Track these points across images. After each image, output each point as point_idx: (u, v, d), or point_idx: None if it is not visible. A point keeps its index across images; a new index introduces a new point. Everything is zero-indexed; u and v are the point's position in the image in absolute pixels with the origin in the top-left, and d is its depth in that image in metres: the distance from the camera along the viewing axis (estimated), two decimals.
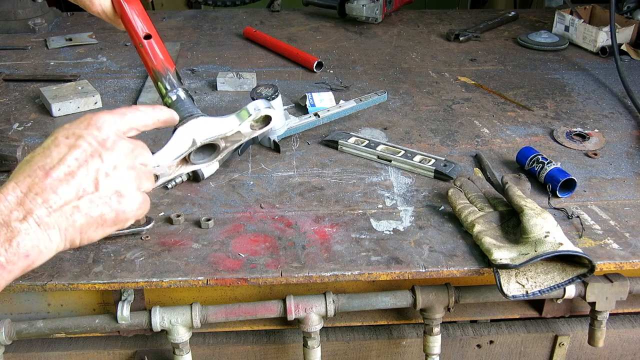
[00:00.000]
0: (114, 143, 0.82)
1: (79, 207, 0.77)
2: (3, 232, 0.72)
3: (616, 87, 1.90)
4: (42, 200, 0.74)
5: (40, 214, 0.74)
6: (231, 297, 1.28)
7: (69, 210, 0.76)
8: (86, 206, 0.77)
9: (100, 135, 0.81)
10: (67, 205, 0.76)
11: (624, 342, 1.39)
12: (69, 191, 0.76)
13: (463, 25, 2.42)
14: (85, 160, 0.78)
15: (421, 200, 1.35)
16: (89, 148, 0.79)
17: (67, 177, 0.76)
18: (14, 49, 2.13)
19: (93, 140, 0.80)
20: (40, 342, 1.30)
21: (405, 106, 1.78)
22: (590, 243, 1.22)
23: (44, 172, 0.75)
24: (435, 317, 1.24)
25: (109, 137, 0.82)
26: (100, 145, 0.80)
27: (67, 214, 0.76)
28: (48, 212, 0.75)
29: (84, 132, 0.80)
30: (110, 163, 0.81)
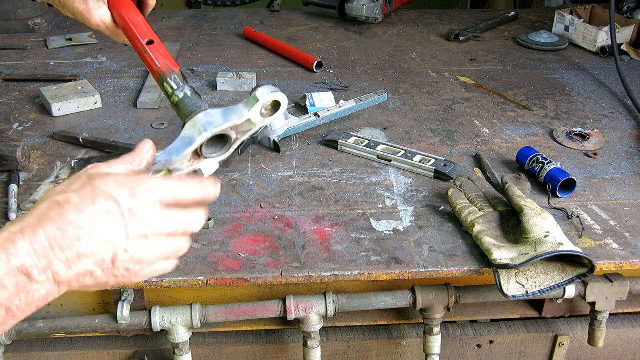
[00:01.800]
0: (147, 220, 0.77)
1: (93, 274, 0.76)
2: (23, 279, 0.70)
3: (616, 87, 1.90)
4: (65, 258, 0.73)
5: (59, 270, 0.73)
6: (231, 297, 1.28)
7: (84, 274, 0.75)
8: (98, 275, 0.77)
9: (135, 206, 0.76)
10: (84, 270, 0.75)
11: (624, 342, 1.39)
12: (90, 260, 0.75)
13: (463, 25, 2.42)
14: (112, 232, 0.75)
15: (421, 200, 1.35)
16: (120, 218, 0.76)
17: (92, 246, 0.75)
18: (14, 49, 2.13)
19: (127, 213, 0.76)
20: (40, 342, 1.30)
21: (405, 106, 1.78)
22: (590, 243, 1.22)
23: (76, 234, 0.73)
24: (435, 317, 1.24)
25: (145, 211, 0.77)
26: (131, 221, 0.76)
27: (81, 278, 0.76)
28: (67, 272, 0.74)
29: (122, 201, 0.76)
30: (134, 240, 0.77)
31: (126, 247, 0.76)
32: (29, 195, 1.35)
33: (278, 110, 1.07)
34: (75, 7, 1.13)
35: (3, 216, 1.28)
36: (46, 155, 1.50)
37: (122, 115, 1.71)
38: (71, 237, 0.72)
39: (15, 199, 1.32)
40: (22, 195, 1.35)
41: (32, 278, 0.70)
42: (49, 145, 1.55)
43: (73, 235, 0.72)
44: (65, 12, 1.16)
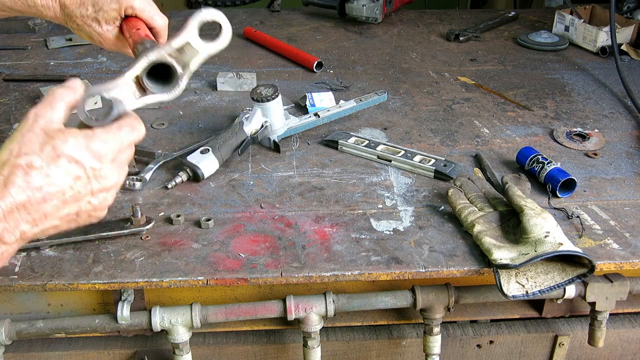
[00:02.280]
0: (109, 177, 0.84)
1: (57, 226, 0.82)
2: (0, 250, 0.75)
3: (616, 87, 1.90)
4: (31, 219, 0.78)
5: (25, 229, 0.78)
6: (231, 297, 1.28)
7: (48, 229, 0.81)
8: (62, 225, 0.83)
9: (99, 166, 0.82)
10: (49, 226, 0.81)
11: (624, 342, 1.39)
12: (56, 216, 0.81)
13: (463, 25, 2.42)
14: (79, 192, 0.81)
15: (421, 200, 1.35)
16: (86, 180, 0.81)
17: (59, 205, 0.80)
18: (14, 49, 2.13)
19: (92, 174, 0.82)
20: (40, 342, 1.30)
21: (405, 106, 1.78)
22: (590, 243, 1.22)
23: (42, 197, 0.78)
24: (435, 317, 1.24)
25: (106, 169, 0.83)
26: (95, 179, 0.82)
27: (45, 231, 0.81)
28: (32, 229, 0.79)
29: (87, 165, 0.81)
30: (97, 193, 0.84)
31: (90, 199, 0.82)
32: None
33: (221, 34, 1.02)
34: (92, 32, 1.20)
35: None
36: None
37: None
38: (38, 200, 0.77)
39: None
40: None
41: (3, 241, 0.76)
42: None
43: (40, 197, 0.77)
44: (81, 35, 1.23)
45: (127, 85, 0.95)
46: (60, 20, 1.22)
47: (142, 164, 1.45)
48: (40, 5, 1.18)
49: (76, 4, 1.18)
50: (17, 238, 0.77)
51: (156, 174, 1.42)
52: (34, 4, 1.18)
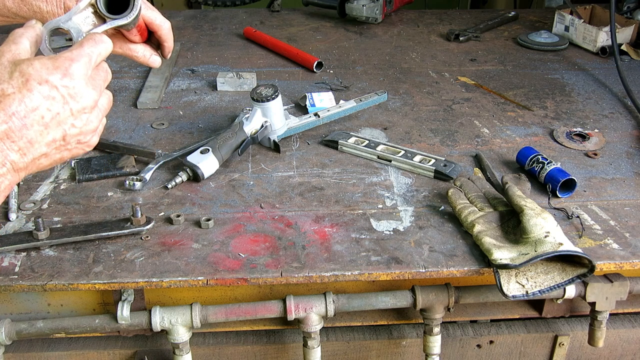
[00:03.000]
0: (84, 95, 0.84)
1: (47, 154, 0.83)
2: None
3: (616, 87, 1.90)
4: (17, 148, 0.79)
5: (15, 159, 0.79)
6: (231, 297, 1.28)
7: (39, 158, 0.82)
8: (53, 153, 0.83)
9: (71, 84, 0.83)
10: (39, 154, 0.81)
11: (624, 342, 1.39)
12: (42, 143, 0.81)
13: (463, 25, 2.42)
14: (58, 113, 0.82)
15: (421, 200, 1.35)
16: (61, 100, 0.81)
17: (41, 130, 0.81)
18: None
19: (65, 92, 0.82)
20: (40, 342, 1.30)
21: (405, 106, 1.78)
22: (590, 243, 1.22)
23: (21, 121, 0.79)
24: (435, 317, 1.24)
25: (80, 86, 0.83)
26: (71, 98, 0.82)
27: (37, 161, 0.82)
28: (22, 159, 0.80)
29: (59, 84, 0.81)
30: (78, 114, 0.84)
31: (73, 122, 0.83)
32: (29, 195, 1.35)
33: None
34: None
35: (3, 216, 1.28)
36: None
37: (122, 115, 1.71)
38: (18, 127, 0.78)
39: (15, 199, 1.32)
40: (22, 195, 1.35)
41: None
42: None
43: (19, 124, 0.78)
44: None
45: (85, 14, 0.97)
46: None
47: (142, 164, 1.45)
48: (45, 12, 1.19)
49: None
50: (10, 169, 0.78)
51: (156, 174, 1.42)
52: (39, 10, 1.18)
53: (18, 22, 1.23)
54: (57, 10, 1.19)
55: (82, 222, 1.26)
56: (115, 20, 1.00)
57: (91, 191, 1.37)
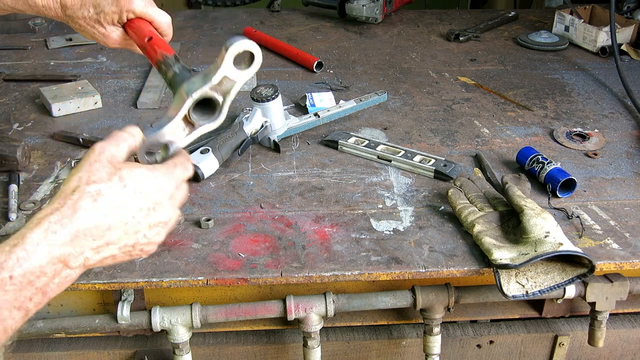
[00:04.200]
0: (166, 214, 0.87)
1: (115, 257, 0.84)
2: (60, 267, 0.77)
3: (616, 87, 1.90)
4: (96, 246, 0.80)
5: (89, 256, 0.80)
6: (231, 297, 1.28)
7: (107, 257, 0.83)
8: (119, 256, 0.85)
9: (159, 200, 0.85)
10: (109, 255, 0.83)
11: (624, 342, 1.39)
12: (117, 246, 0.83)
13: (463, 25, 2.42)
14: (139, 222, 0.84)
15: (421, 200, 1.35)
16: (146, 212, 0.84)
17: (121, 235, 0.82)
18: (14, 49, 2.13)
19: (152, 205, 0.85)
20: (40, 342, 1.30)
21: (405, 106, 1.78)
22: (590, 243, 1.22)
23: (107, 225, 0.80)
24: (435, 317, 1.24)
25: (164, 203, 0.86)
26: (154, 211, 0.85)
27: (104, 260, 0.83)
28: (94, 257, 0.81)
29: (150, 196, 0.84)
30: (154, 227, 0.86)
31: (146, 233, 0.85)
32: (29, 195, 1.35)
33: (254, 61, 1.08)
34: (95, 33, 1.22)
35: (3, 216, 1.28)
36: (46, 155, 1.50)
37: (122, 115, 1.71)
38: (103, 229, 0.80)
39: (15, 199, 1.32)
40: (22, 195, 1.35)
41: (68, 266, 0.78)
42: (49, 145, 1.55)
43: (105, 226, 0.80)
44: (85, 35, 1.25)
45: (177, 124, 1.01)
46: (63, 19, 1.23)
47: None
48: (41, 6, 1.19)
49: (77, 6, 1.19)
50: (80, 264, 0.79)
51: None
52: (34, 4, 1.18)
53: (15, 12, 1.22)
54: (52, 4, 1.19)
55: None
56: (204, 126, 1.03)
57: None
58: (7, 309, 0.73)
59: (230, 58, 1.04)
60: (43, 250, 0.75)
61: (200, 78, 1.03)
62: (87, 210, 0.78)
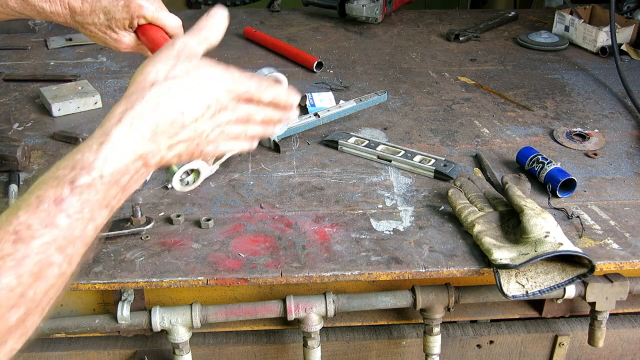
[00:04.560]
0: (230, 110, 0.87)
1: (181, 155, 0.84)
2: (140, 164, 0.77)
3: (616, 87, 1.90)
4: (169, 143, 0.80)
5: (164, 154, 0.80)
6: (231, 297, 1.28)
7: (176, 155, 0.83)
8: (185, 154, 0.84)
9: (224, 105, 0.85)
10: (179, 153, 0.83)
11: (624, 342, 1.39)
12: (184, 145, 0.83)
13: (463, 25, 2.42)
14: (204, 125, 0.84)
15: (421, 200, 1.35)
16: (217, 115, 0.84)
17: (193, 137, 0.83)
18: (14, 49, 2.13)
19: (219, 108, 0.84)
20: (40, 342, 1.30)
21: (405, 106, 1.78)
22: (590, 243, 1.22)
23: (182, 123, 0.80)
24: (435, 317, 1.24)
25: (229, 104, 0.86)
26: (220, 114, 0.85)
27: (172, 158, 0.83)
28: (167, 154, 0.81)
29: (222, 100, 0.84)
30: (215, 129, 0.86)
31: (209, 134, 0.85)
32: None
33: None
34: (107, 38, 1.22)
35: None
36: (46, 155, 1.50)
37: None
38: (179, 125, 0.80)
39: (16, 199, 1.32)
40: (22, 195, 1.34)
41: (148, 165, 0.79)
42: (49, 145, 1.55)
43: (180, 123, 0.80)
44: (96, 41, 1.25)
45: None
46: (72, 25, 1.22)
47: None
48: (49, 12, 1.18)
49: (87, 12, 1.18)
50: (156, 162, 0.79)
51: (156, 174, 1.42)
52: (43, 10, 1.18)
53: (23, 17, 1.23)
54: (61, 10, 1.19)
55: None
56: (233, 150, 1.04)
57: None
58: (98, 208, 0.73)
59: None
60: (129, 148, 0.75)
61: None
62: (166, 105, 0.78)
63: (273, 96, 0.91)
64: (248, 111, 0.89)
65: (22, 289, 0.66)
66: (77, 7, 1.18)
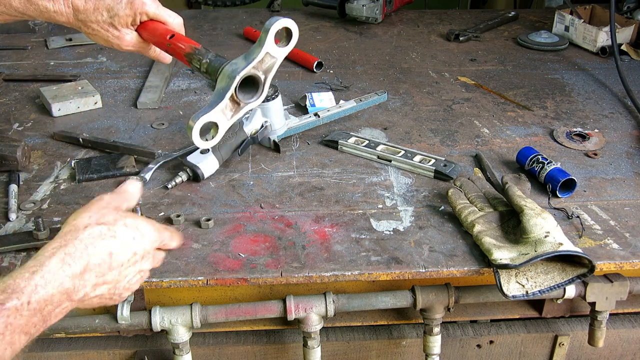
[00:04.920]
0: (149, 259, 0.93)
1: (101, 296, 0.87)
2: (64, 297, 0.80)
3: (616, 87, 1.90)
4: (95, 282, 0.84)
5: (88, 291, 0.84)
6: (231, 297, 1.28)
7: (98, 296, 0.86)
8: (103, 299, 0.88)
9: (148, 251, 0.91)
10: (101, 294, 0.86)
11: (624, 342, 1.39)
12: (106, 287, 0.87)
13: (463, 25, 2.42)
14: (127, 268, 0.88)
15: (421, 200, 1.35)
16: (135, 263, 0.89)
17: (115, 278, 0.87)
18: (14, 49, 2.13)
19: (142, 255, 0.90)
20: (40, 342, 1.30)
21: (405, 106, 1.78)
22: (590, 243, 1.22)
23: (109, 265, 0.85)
24: (435, 317, 1.24)
25: (149, 256, 0.92)
26: (142, 260, 0.91)
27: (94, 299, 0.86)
28: (91, 293, 0.85)
29: (146, 246, 0.90)
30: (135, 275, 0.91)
31: (130, 279, 0.90)
32: (29, 195, 1.35)
33: (292, 37, 1.13)
34: (109, 36, 1.23)
35: (3, 216, 1.28)
36: (46, 155, 1.50)
37: (122, 115, 1.71)
38: (106, 267, 0.85)
39: (15, 199, 1.32)
40: (22, 195, 1.34)
41: (71, 298, 0.81)
42: (49, 145, 1.55)
43: (107, 265, 0.85)
44: (97, 40, 1.26)
45: (226, 105, 1.10)
46: (74, 25, 1.22)
47: (142, 164, 1.45)
48: (52, 11, 1.18)
49: (90, 10, 1.18)
50: (79, 298, 0.83)
51: (156, 174, 1.42)
52: (46, 10, 1.18)
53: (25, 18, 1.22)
54: (64, 9, 1.18)
55: None
56: (248, 104, 1.13)
57: (91, 191, 1.37)
58: (18, 333, 0.75)
59: (272, 36, 1.10)
60: (58, 280, 0.79)
61: (242, 59, 1.10)
62: (97, 247, 0.83)
63: (177, 244, 0.99)
64: (161, 257, 0.97)
65: None
66: (80, 5, 1.18)
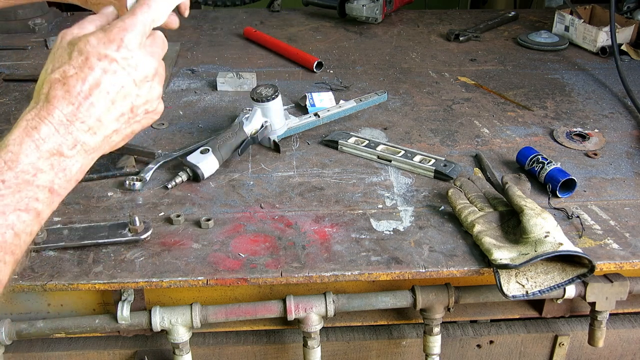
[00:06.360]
0: (143, 64, 0.84)
1: (118, 130, 0.82)
2: (57, 161, 0.75)
3: (616, 87, 1.90)
4: (87, 127, 0.78)
5: (86, 140, 0.78)
6: (231, 297, 1.28)
7: (110, 135, 0.81)
8: (123, 128, 0.83)
9: (129, 55, 0.82)
10: (110, 131, 0.81)
11: (624, 342, 1.39)
12: (112, 118, 0.81)
13: (463, 25, 2.42)
14: (122, 86, 0.81)
15: (421, 200, 1.35)
16: (123, 72, 0.81)
17: (108, 106, 0.80)
18: (14, 49, 2.13)
19: (125, 64, 0.81)
20: (40, 342, 1.30)
21: (405, 106, 1.78)
22: (590, 243, 1.22)
23: (87, 100, 0.78)
24: (435, 317, 1.24)
25: (139, 57, 0.83)
26: (131, 68, 0.82)
27: (109, 139, 0.82)
28: (93, 139, 0.79)
29: (117, 56, 0.81)
30: (142, 84, 0.84)
31: (137, 92, 0.82)
32: None
33: None
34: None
35: None
36: None
37: None
38: (85, 106, 0.78)
39: None
40: None
41: (64, 155, 0.76)
42: None
43: (86, 103, 0.77)
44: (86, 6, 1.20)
45: None
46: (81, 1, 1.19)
47: (142, 164, 1.45)
48: None
49: None
50: (80, 150, 0.77)
51: (156, 174, 1.42)
52: None
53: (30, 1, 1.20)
54: None
55: (81, 222, 1.26)
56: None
57: (91, 191, 1.37)
58: (11, 212, 0.72)
59: None
60: (29, 148, 0.73)
61: None
62: (61, 96, 0.77)
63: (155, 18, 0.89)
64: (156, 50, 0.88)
65: None
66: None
